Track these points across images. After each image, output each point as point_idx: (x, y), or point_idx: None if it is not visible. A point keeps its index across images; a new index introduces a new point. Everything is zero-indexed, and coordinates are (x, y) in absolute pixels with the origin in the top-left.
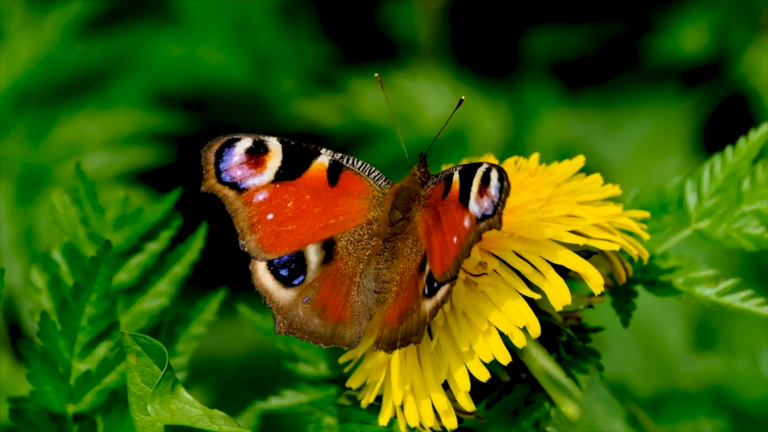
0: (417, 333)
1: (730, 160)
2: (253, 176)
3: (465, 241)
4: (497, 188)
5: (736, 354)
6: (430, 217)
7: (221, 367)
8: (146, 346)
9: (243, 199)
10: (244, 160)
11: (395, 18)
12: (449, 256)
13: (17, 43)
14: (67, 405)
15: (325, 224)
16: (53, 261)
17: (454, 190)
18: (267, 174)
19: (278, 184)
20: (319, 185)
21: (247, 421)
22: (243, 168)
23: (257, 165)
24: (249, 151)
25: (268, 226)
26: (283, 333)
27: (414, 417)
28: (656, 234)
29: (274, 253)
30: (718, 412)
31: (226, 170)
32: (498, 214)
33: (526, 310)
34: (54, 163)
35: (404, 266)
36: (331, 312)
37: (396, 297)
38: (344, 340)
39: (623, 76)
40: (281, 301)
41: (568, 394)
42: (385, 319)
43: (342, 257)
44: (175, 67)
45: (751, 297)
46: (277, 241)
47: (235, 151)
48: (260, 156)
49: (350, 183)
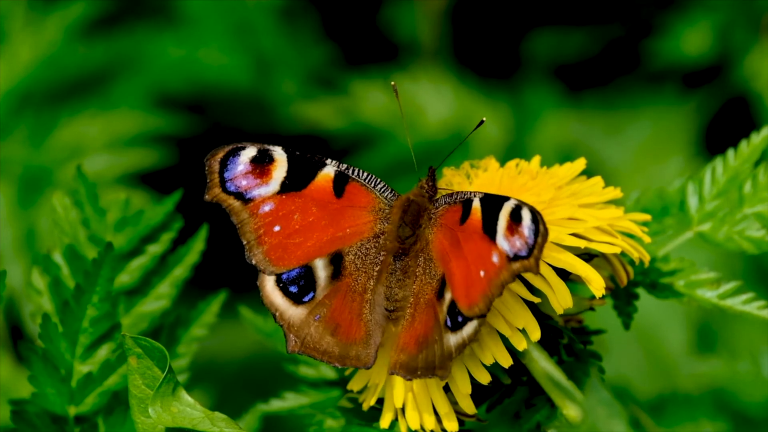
0: (442, 367)
1: (732, 163)
2: (259, 186)
3: (495, 278)
4: (531, 230)
5: (737, 356)
6: (446, 240)
7: (222, 369)
8: (147, 348)
9: (249, 210)
10: (250, 170)
11: (397, 20)
12: (477, 290)
13: (19, 45)
14: (68, 407)
15: (332, 237)
16: (54, 263)
17: (475, 219)
18: (273, 184)
19: (284, 195)
20: (325, 197)
21: (248, 423)
22: (248, 178)
23: (262, 175)
24: (254, 161)
25: (274, 238)
26: (297, 352)
27: (415, 420)
28: (657, 237)
29: (282, 266)
30: (719, 414)
31: (230, 179)
32: (534, 258)
33: (527, 313)
34: (55, 164)
35: (418, 287)
36: (344, 331)
37: (411, 320)
38: (361, 361)
39: (625, 79)
40: (292, 319)
41: (569, 396)
42: (402, 344)
43: (351, 273)
44: (177, 69)
45: (753, 300)
46: (284, 254)
47: (239, 160)
48: (265, 166)
49: (356, 195)
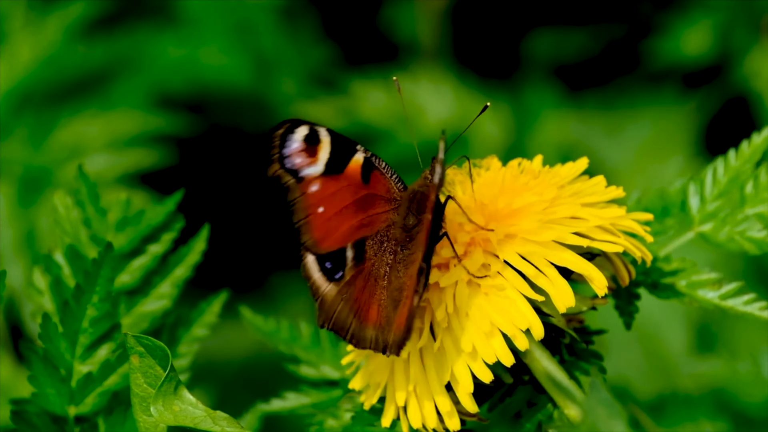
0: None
1: (733, 163)
2: (309, 166)
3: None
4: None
5: (737, 357)
6: None
7: (223, 369)
8: (149, 347)
9: (301, 188)
10: (303, 148)
11: (397, 20)
12: None
13: (18, 45)
14: (68, 407)
15: (360, 224)
16: (55, 263)
17: None
18: (319, 165)
19: (328, 177)
20: (356, 182)
21: (249, 423)
22: (301, 156)
23: (312, 154)
24: (306, 139)
25: (319, 218)
26: (326, 327)
27: (417, 418)
28: (659, 237)
29: (324, 247)
30: (719, 414)
31: (287, 156)
32: None
33: (530, 312)
34: (55, 164)
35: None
36: (363, 314)
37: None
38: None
39: (625, 79)
40: (324, 294)
41: (570, 396)
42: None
43: (369, 257)
44: (177, 69)
45: (754, 301)
46: (326, 235)
47: (295, 137)
48: (314, 146)
49: (378, 183)
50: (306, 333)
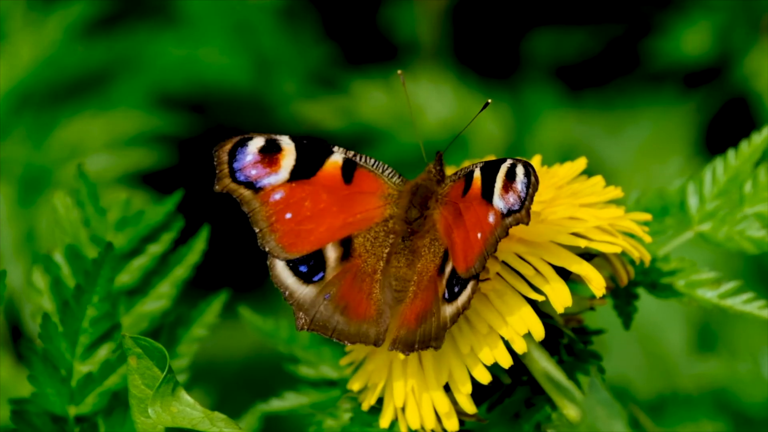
0: (437, 338)
1: (732, 163)
2: (268, 175)
3: (491, 236)
4: (524, 183)
5: (737, 357)
6: (450, 215)
7: (222, 369)
8: (147, 348)
9: (260, 198)
10: (258, 159)
11: (397, 19)
12: (473, 252)
13: (19, 45)
14: (68, 407)
15: (344, 223)
16: (55, 263)
17: (475, 187)
18: (282, 173)
19: (294, 183)
20: (335, 183)
21: (249, 423)
22: (257, 167)
23: (271, 164)
24: (262, 150)
25: (286, 225)
26: (306, 329)
27: (415, 419)
28: (658, 236)
29: (295, 252)
30: (719, 414)
31: (240, 169)
32: (525, 209)
33: (529, 315)
34: (55, 164)
35: (423, 266)
36: (353, 309)
37: (414, 297)
38: (369, 338)
39: (625, 79)
40: (302, 298)
41: (569, 396)
42: (403, 320)
43: (360, 254)
44: (177, 69)
45: (753, 300)
46: (297, 240)
47: (248, 150)
48: (274, 155)
49: (365, 181)
50: (305, 333)
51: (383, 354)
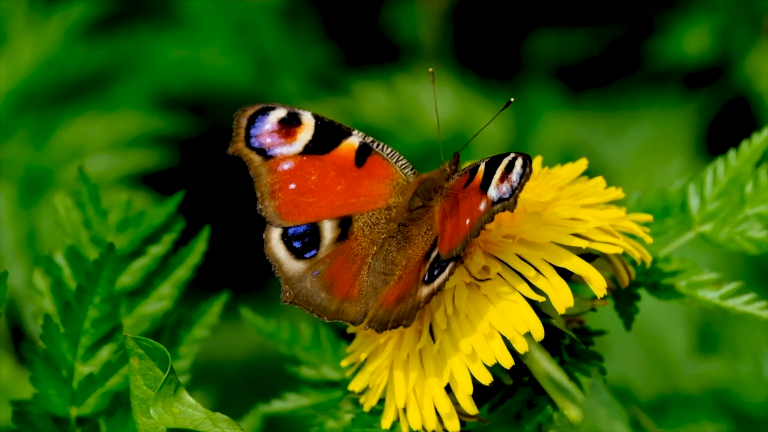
0: (408, 317)
1: (733, 164)
2: (282, 145)
3: (477, 221)
4: (519, 174)
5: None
6: (448, 205)
7: (224, 370)
8: (149, 349)
9: (268, 165)
10: (276, 129)
11: (398, 20)
12: (458, 235)
13: (20, 46)
14: (70, 408)
15: (346, 202)
16: (56, 264)
17: (477, 179)
18: (296, 145)
19: (305, 157)
20: (346, 164)
21: (250, 424)
22: (273, 136)
23: (288, 135)
24: (282, 121)
25: (288, 194)
26: (288, 303)
27: (416, 420)
28: (659, 237)
29: (290, 221)
30: (720, 415)
31: (256, 136)
32: (514, 197)
33: (529, 314)
34: (57, 165)
35: (413, 252)
36: (338, 288)
37: (398, 280)
38: (348, 316)
39: (626, 79)
40: (290, 272)
41: (570, 397)
42: (383, 300)
43: (356, 237)
44: (178, 70)
45: (754, 300)
46: (295, 210)
47: (268, 119)
48: (292, 127)
49: (376, 167)
50: (306, 334)
51: (384, 355)
